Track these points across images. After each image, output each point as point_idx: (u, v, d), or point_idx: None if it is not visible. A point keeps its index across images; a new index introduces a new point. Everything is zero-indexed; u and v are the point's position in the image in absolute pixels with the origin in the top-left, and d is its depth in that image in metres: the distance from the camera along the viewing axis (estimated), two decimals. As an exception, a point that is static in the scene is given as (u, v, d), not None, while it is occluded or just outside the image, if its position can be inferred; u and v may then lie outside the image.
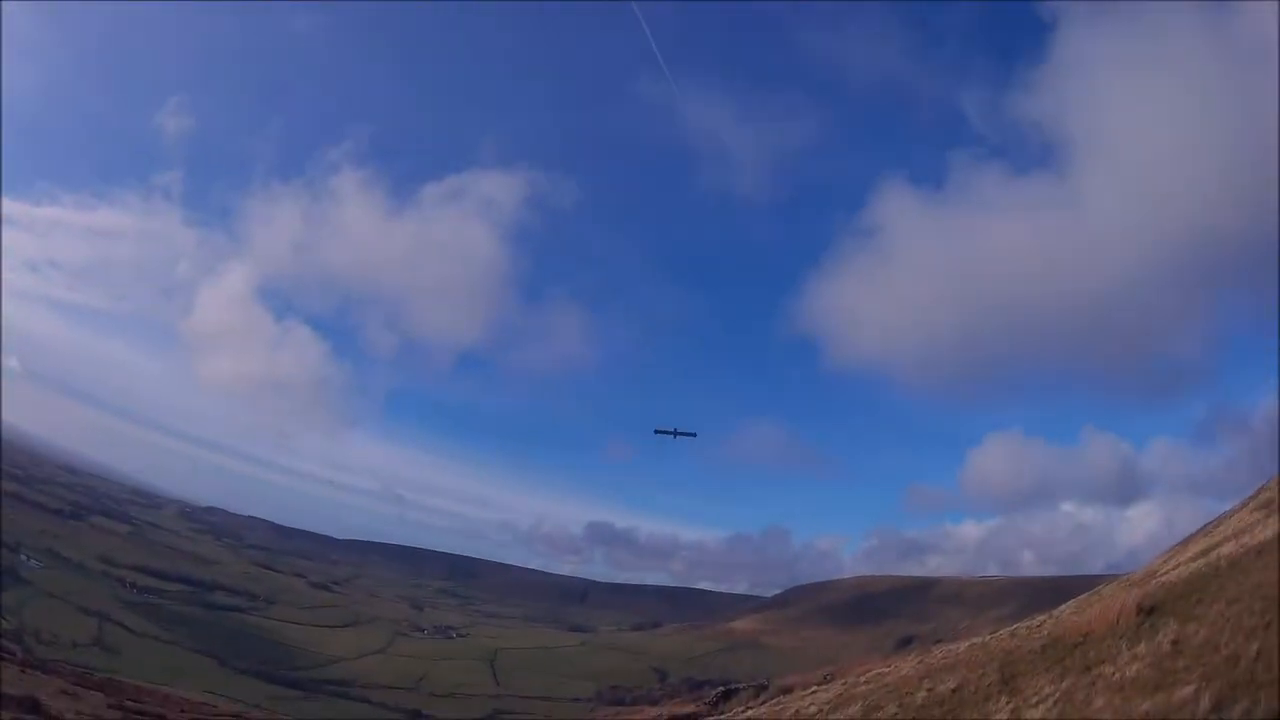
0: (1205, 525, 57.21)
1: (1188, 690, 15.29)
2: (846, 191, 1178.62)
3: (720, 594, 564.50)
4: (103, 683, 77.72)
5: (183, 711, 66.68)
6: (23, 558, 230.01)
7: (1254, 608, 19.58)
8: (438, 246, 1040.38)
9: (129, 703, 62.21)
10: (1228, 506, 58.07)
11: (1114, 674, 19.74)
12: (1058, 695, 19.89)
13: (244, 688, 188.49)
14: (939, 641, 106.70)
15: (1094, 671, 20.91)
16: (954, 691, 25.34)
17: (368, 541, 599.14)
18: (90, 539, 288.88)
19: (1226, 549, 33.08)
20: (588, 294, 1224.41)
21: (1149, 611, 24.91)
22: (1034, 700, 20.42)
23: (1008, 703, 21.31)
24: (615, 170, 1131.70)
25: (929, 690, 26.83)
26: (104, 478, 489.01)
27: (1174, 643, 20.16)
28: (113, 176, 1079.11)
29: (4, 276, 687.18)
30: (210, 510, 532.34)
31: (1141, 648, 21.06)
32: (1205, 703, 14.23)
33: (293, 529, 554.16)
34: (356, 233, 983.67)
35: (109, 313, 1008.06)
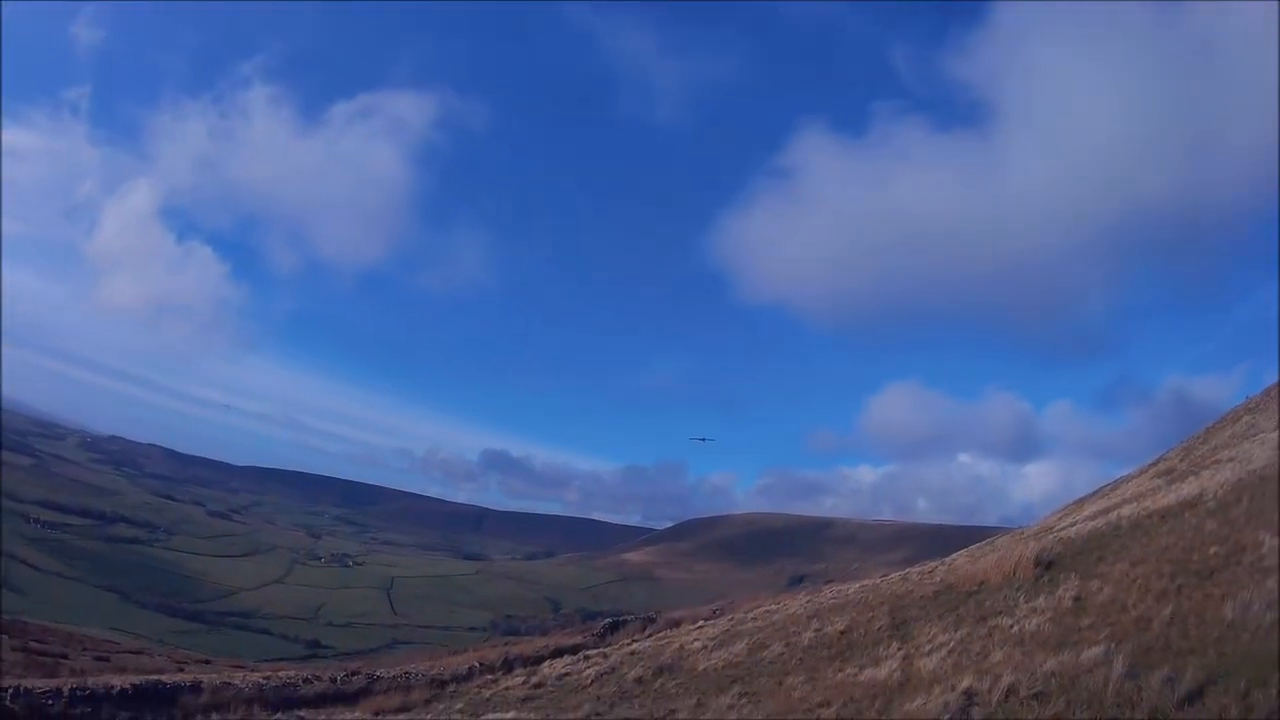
0: (1102, 487, 56.94)
1: (1096, 651, 14.26)
2: (766, 131, 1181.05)
3: (614, 525, 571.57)
4: (6, 625, 75.17)
5: (85, 650, 64.66)
6: None
7: (1161, 570, 19.01)
8: (344, 165, 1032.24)
9: (33, 644, 60.19)
10: (1125, 471, 58.07)
11: (1012, 627, 18.95)
12: (952, 644, 18.94)
13: (148, 622, 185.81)
14: (830, 581, 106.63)
15: (990, 623, 20.14)
16: (842, 633, 24.44)
17: (266, 468, 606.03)
18: None
19: (1127, 511, 32.42)
20: (494, 219, 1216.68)
21: (1047, 565, 24.45)
22: (926, 648, 19.45)
23: (899, 649, 20.33)
24: (530, 94, 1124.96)
25: (817, 630, 25.90)
26: (5, 409, 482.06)
27: (1075, 599, 19.55)
28: (22, 93, 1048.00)
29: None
30: (111, 439, 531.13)
31: (1040, 602, 20.39)
32: (1119, 666, 13.08)
33: (191, 456, 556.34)
34: (263, 150, 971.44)
35: (10, 236, 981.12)
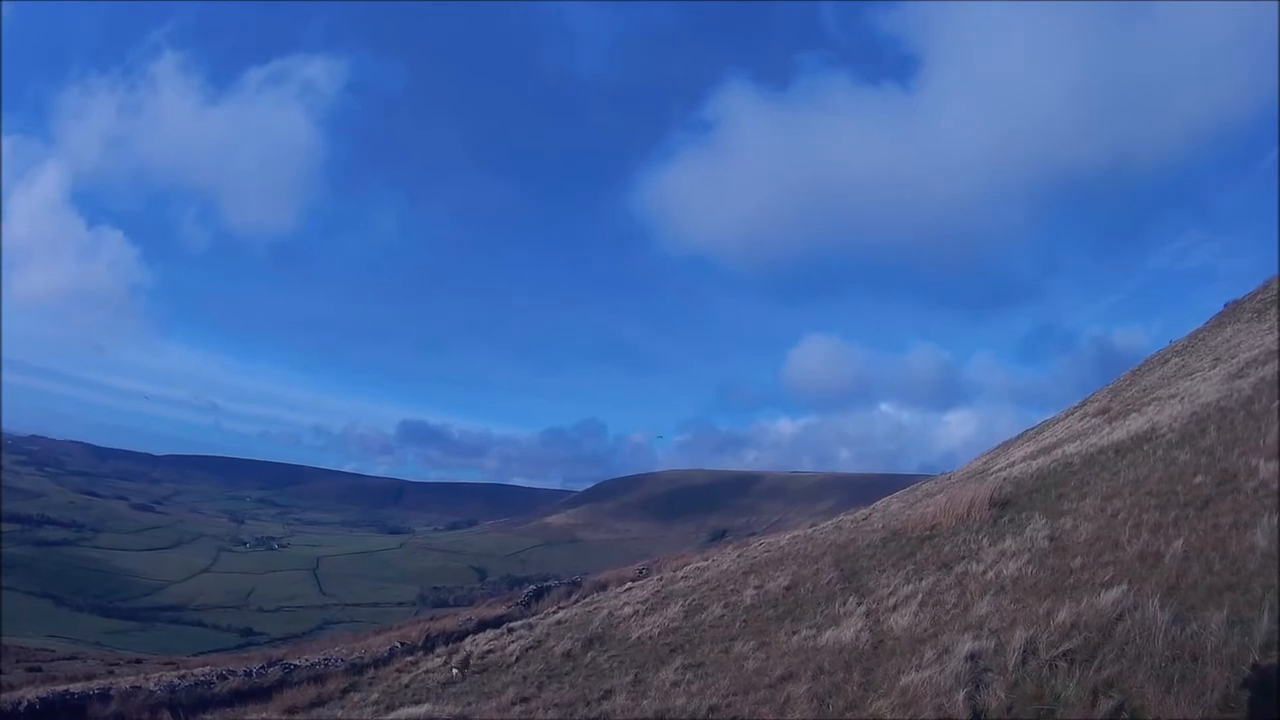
0: (1027, 430, 56.56)
1: (1114, 594, 12.02)
2: (688, 83, 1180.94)
3: (534, 490, 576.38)
4: None
5: (18, 662, 62.37)
6: None
7: (1144, 503, 17.42)
8: (255, 134, 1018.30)
9: None
10: (1049, 415, 57.80)
11: (985, 573, 16.93)
12: (920, 596, 16.82)
13: (83, 626, 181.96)
14: (753, 534, 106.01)
15: (956, 569, 18.18)
16: (788, 589, 22.50)
17: (186, 455, 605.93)
18: None
19: (1072, 448, 31.27)
20: (407, 183, 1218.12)
21: (1002, 505, 22.99)
22: (890, 601, 17.33)
23: (857, 604, 18.20)
24: (444, 50, 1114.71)
25: (757, 588, 23.95)
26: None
27: (1050, 539, 17.58)
28: None
29: None
30: (31, 439, 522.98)
31: (1009, 544, 18.52)
32: (1155, 610, 10.79)
33: (111, 449, 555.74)
34: (174, 123, 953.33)
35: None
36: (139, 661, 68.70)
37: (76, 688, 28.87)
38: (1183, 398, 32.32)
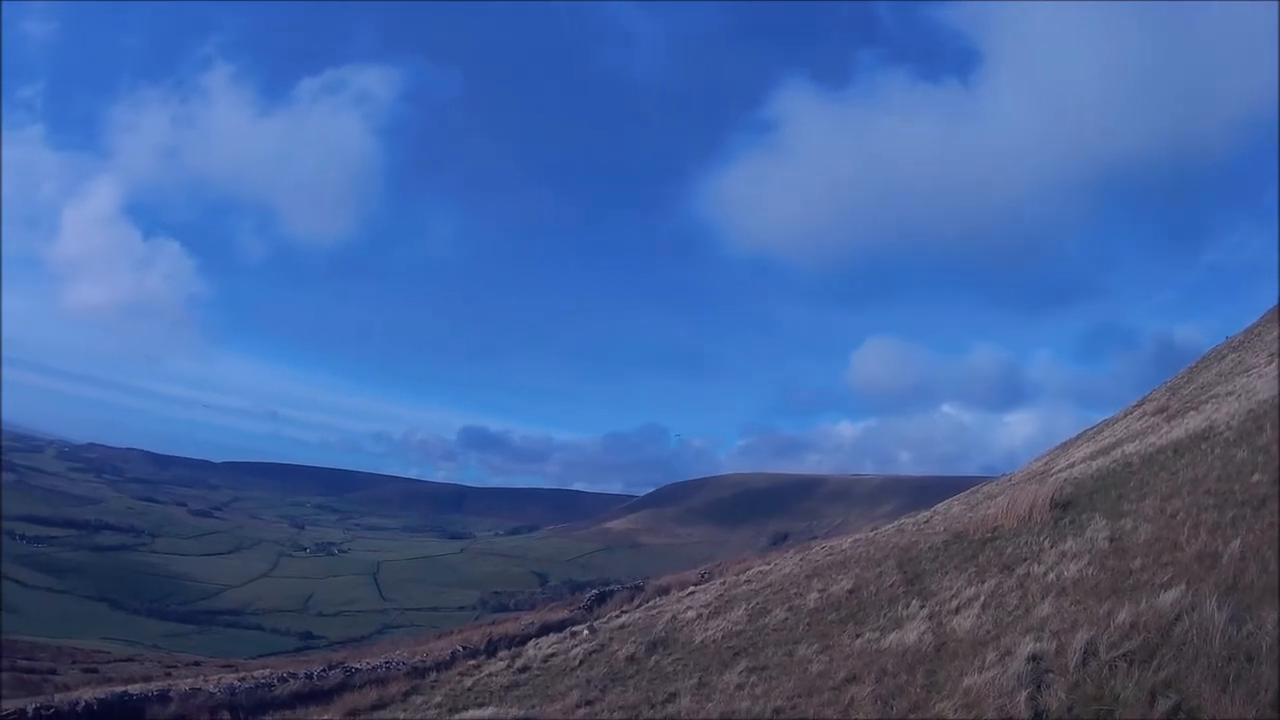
0: (1087, 430, 56.11)
1: (1173, 595, 12.14)
2: (747, 83, 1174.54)
3: (595, 495, 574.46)
4: None
5: (74, 663, 63.55)
6: None
7: (1202, 503, 17.32)
8: (311, 144, 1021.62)
9: (21, 662, 59.11)
10: (1108, 414, 57.22)
11: (1047, 574, 16.94)
12: (983, 598, 16.91)
13: (140, 629, 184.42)
14: (815, 538, 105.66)
15: (1018, 571, 18.18)
16: (851, 592, 22.58)
17: (245, 463, 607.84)
18: None
19: (1131, 448, 31.17)
20: (466, 190, 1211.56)
21: (1063, 506, 22.87)
22: (953, 604, 17.42)
23: (920, 606, 18.32)
24: (502, 56, 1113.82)
25: (821, 591, 24.06)
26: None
27: (1111, 540, 17.59)
28: None
29: None
30: (89, 447, 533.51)
31: (1070, 545, 18.52)
32: (1213, 610, 10.92)
33: (170, 457, 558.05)
34: (227, 134, 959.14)
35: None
36: (197, 664, 69.57)
37: (134, 689, 29.03)
38: (1239, 395, 32.11)
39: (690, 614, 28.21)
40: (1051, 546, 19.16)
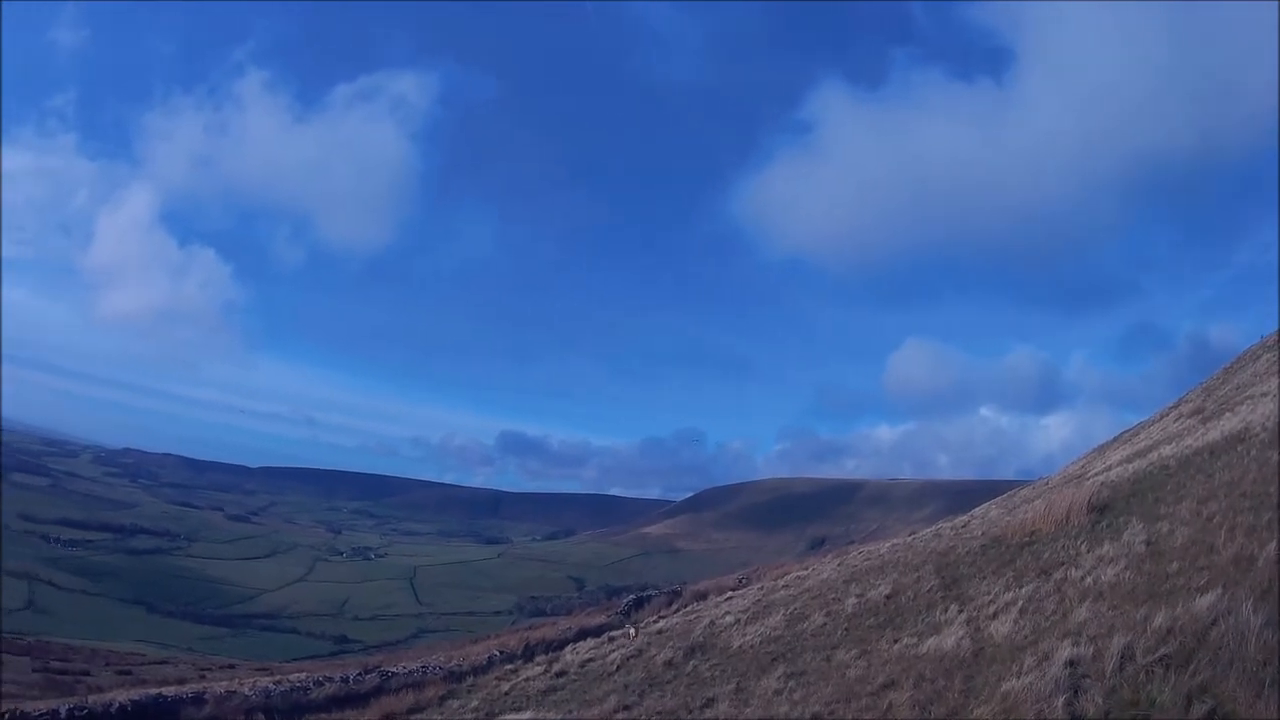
0: (1122, 433, 55.72)
1: (1209, 599, 12.20)
2: (781, 84, 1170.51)
3: (632, 499, 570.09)
4: (30, 647, 74.91)
5: (108, 665, 64.14)
6: None
7: (1239, 506, 17.36)
8: (345, 150, 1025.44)
9: (55, 663, 59.99)
10: (1144, 417, 56.88)
11: (1084, 579, 16.94)
12: (1020, 603, 16.95)
13: (174, 632, 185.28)
14: (851, 543, 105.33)
15: (1056, 575, 18.20)
16: (889, 598, 22.59)
17: (281, 468, 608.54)
18: (10, 498, 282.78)
19: (1168, 450, 30.94)
20: (502, 195, 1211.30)
21: (1100, 510, 22.72)
22: (991, 609, 17.46)
23: (959, 611, 18.37)
24: (536, 59, 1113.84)
25: (859, 596, 24.06)
26: (16, 431, 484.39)
27: (1147, 543, 17.58)
28: (10, 112, 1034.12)
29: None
30: (125, 452, 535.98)
31: (1107, 549, 18.49)
32: (1249, 614, 10.98)
33: (206, 462, 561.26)
34: (261, 141, 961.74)
35: (9, 259, 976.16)
36: (231, 667, 69.97)
37: (169, 691, 29.14)
38: (1275, 395, 31.89)
39: (728, 619, 28.24)
40: (1089, 550, 19.16)
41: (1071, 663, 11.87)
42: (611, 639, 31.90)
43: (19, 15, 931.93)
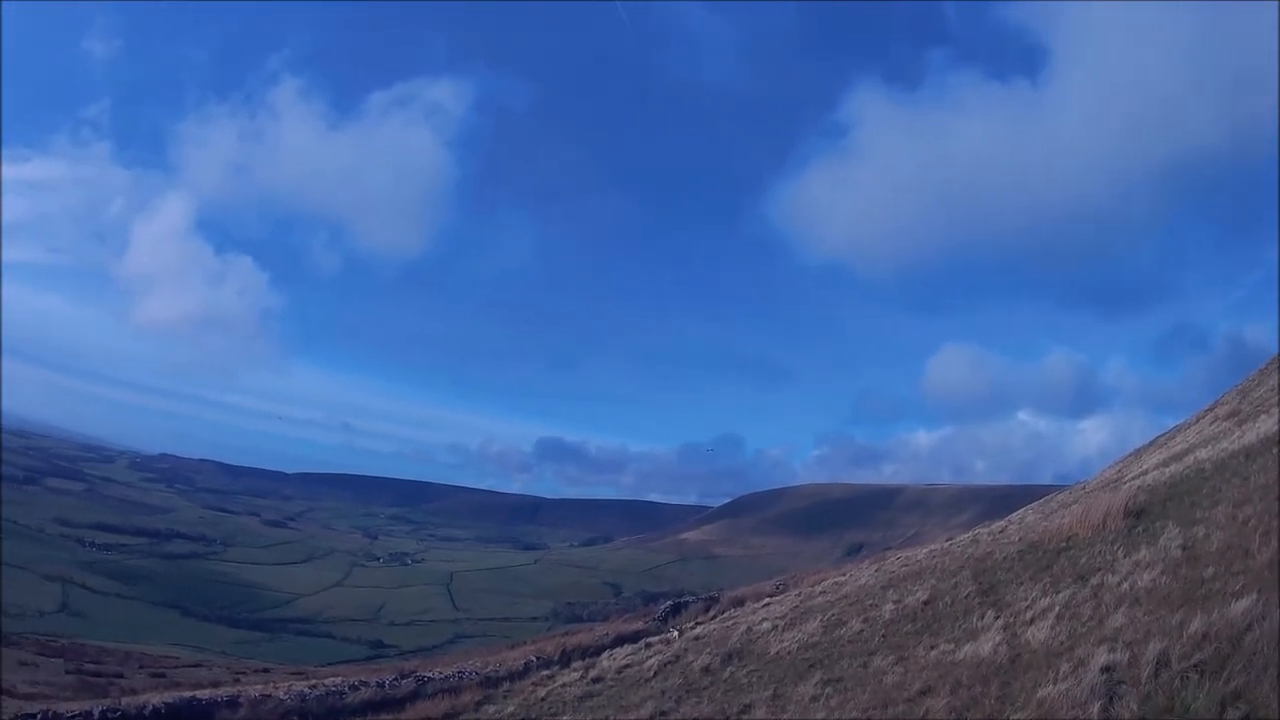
0: (1158, 437, 55.41)
1: (1245, 603, 12.21)
2: (817, 87, 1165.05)
3: (670, 505, 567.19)
4: (64, 649, 75.80)
5: (141, 668, 64.55)
6: None
7: (1276, 509, 17.11)
8: (380, 157, 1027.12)
9: (88, 665, 60.48)
10: (1179, 420, 56.53)
11: (1120, 584, 16.92)
12: (1057, 609, 16.96)
13: (209, 635, 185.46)
14: (889, 549, 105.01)
15: (1092, 581, 18.16)
16: (926, 604, 22.60)
17: (318, 474, 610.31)
18: (47, 503, 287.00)
19: (1204, 454, 30.80)
20: (537, 201, 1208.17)
21: (1136, 515, 22.63)
22: (1028, 615, 17.49)
23: (995, 617, 18.40)
24: (569, 64, 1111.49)
25: (896, 602, 24.08)
26: (53, 437, 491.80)
27: (1183, 548, 17.55)
28: (45, 123, 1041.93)
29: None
30: (161, 458, 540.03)
31: (1144, 554, 18.45)
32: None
33: (243, 468, 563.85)
34: (297, 149, 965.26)
35: (46, 266, 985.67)
36: (266, 670, 70.28)
37: (203, 694, 29.38)
38: (1311, 396, 31.83)
39: (765, 625, 28.28)
40: (1125, 556, 19.13)
41: (1107, 669, 11.90)
42: (649, 645, 31.98)
43: (51, 25, 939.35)
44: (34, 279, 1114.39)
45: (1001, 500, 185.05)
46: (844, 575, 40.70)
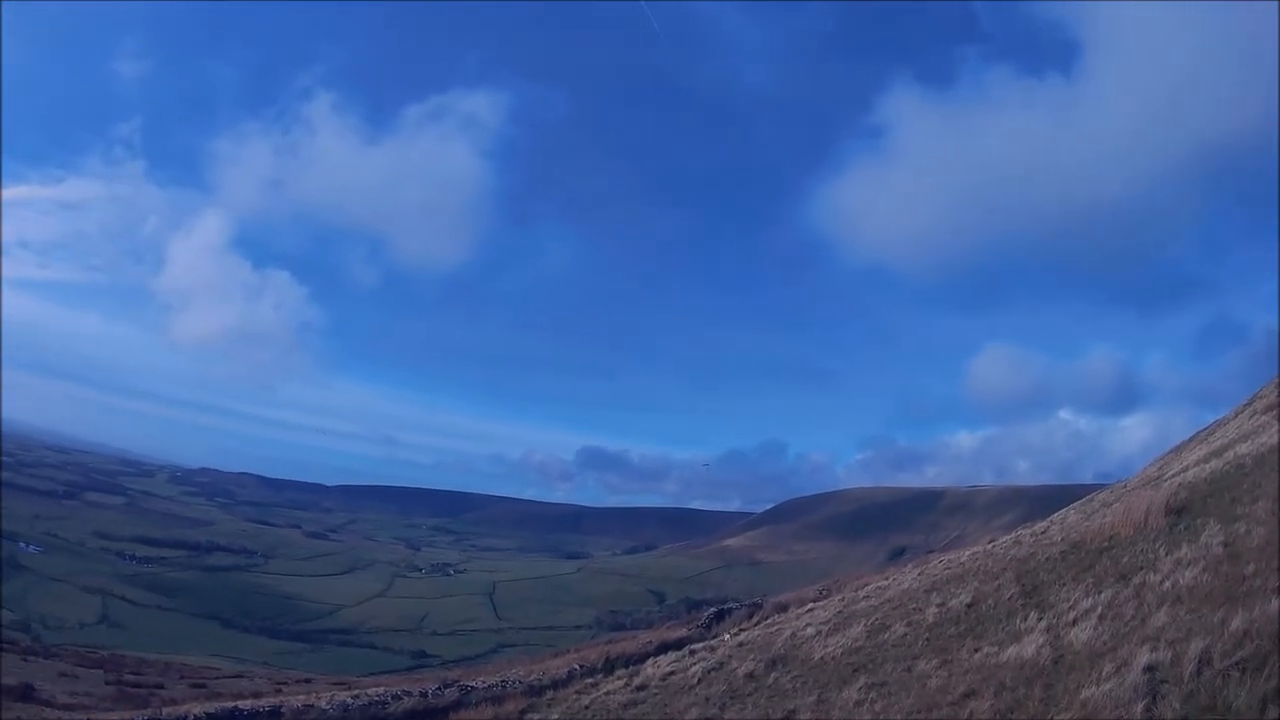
0: (1199, 432, 55.03)
1: (1283, 602, 12.27)
2: (850, 89, 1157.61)
3: (713, 512, 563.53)
4: (104, 660, 76.25)
5: (182, 679, 64.92)
6: (21, 545, 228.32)
7: None
8: (417, 171, 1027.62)
9: (128, 676, 60.87)
10: (1218, 415, 56.12)
11: (1162, 583, 16.95)
12: (1100, 610, 16.99)
13: (249, 646, 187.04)
14: (931, 552, 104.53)
15: (1135, 580, 18.17)
16: (969, 607, 22.61)
17: (360, 485, 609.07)
18: (86, 516, 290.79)
19: (1244, 449, 30.58)
20: (574, 211, 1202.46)
21: (1178, 512, 22.59)
22: (1070, 615, 17.52)
23: (1038, 619, 18.42)
24: (605, 72, 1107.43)
25: (940, 605, 24.07)
26: (93, 452, 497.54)
27: (1225, 545, 17.57)
28: (77, 144, 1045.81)
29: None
30: (201, 471, 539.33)
31: (1185, 552, 18.47)
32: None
33: (284, 480, 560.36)
34: (332, 164, 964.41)
35: (82, 284, 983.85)
36: (308, 681, 70.34)
37: (244, 704, 29.47)
38: (1350, 389, 31.67)
39: (809, 631, 28.26)
40: (1167, 554, 19.12)
41: (1150, 668, 11.97)
42: (692, 652, 32.00)
43: (80, 45, 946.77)
44: (71, 298, 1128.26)
45: (1043, 500, 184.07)
46: (887, 579, 40.60)
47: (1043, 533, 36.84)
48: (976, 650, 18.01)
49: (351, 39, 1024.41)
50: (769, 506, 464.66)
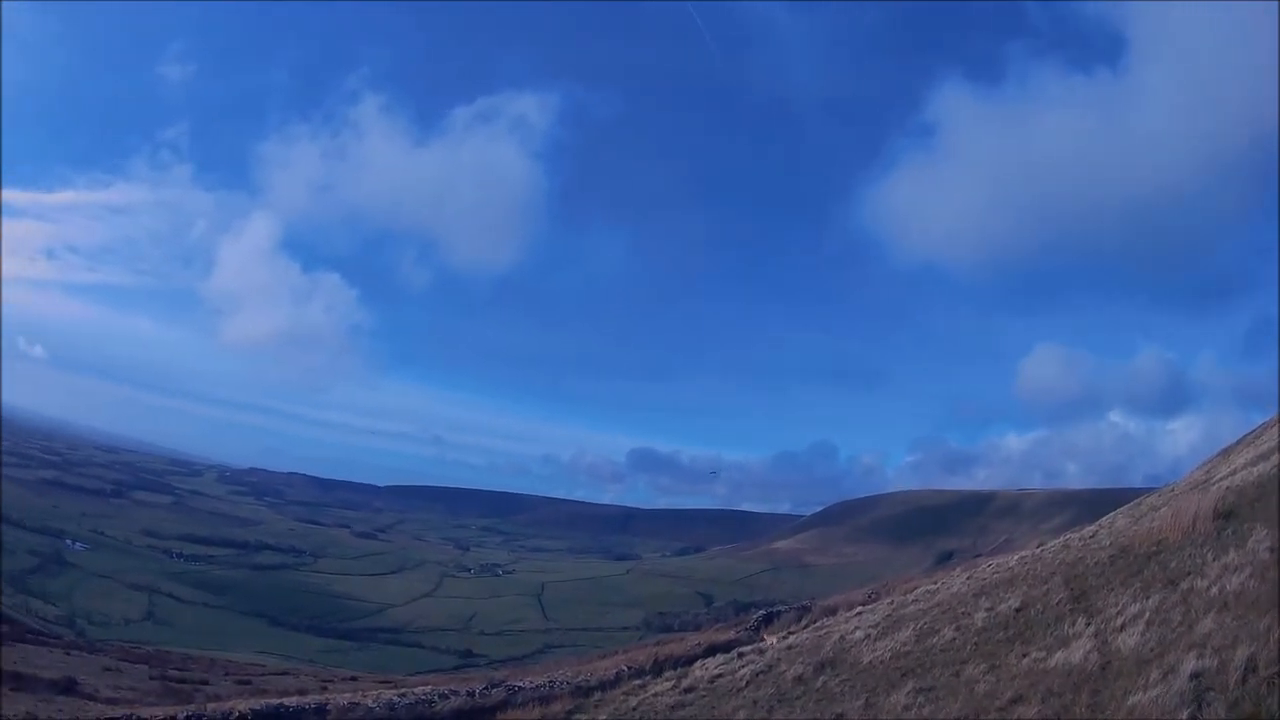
0: (1247, 434, 54.57)
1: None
2: (900, 87, 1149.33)
3: (763, 515, 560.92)
4: (148, 656, 77.08)
5: (227, 675, 65.27)
6: (68, 543, 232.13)
7: None
8: (466, 173, 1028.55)
9: (173, 672, 61.29)
10: (1266, 416, 55.59)
11: (1209, 588, 16.99)
12: (1147, 615, 17.05)
13: (296, 644, 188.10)
14: (980, 555, 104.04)
15: (1182, 586, 18.17)
16: (1018, 611, 22.63)
17: (409, 486, 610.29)
18: (134, 515, 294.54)
19: None
20: (625, 212, 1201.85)
21: (1225, 516, 22.54)
22: (1119, 621, 17.57)
23: (1086, 624, 18.47)
24: (653, 74, 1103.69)
25: (989, 610, 24.10)
26: (141, 452, 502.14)
27: (1271, 550, 17.60)
28: (124, 148, 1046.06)
29: (21, 267, 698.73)
30: (250, 471, 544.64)
31: (1232, 557, 18.49)
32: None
33: (334, 481, 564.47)
34: (381, 166, 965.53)
35: (131, 288, 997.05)
36: (354, 679, 70.57)
37: (290, 701, 29.34)
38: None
39: (858, 634, 28.30)
40: (1214, 559, 19.10)
41: (1196, 675, 12.08)
42: (741, 654, 32.08)
43: (126, 50, 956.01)
44: (120, 301, 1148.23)
45: (1092, 504, 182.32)
46: (936, 583, 40.52)
47: (1091, 537, 36.70)
48: (1024, 655, 18.07)
49: (399, 41, 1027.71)
50: (819, 509, 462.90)
